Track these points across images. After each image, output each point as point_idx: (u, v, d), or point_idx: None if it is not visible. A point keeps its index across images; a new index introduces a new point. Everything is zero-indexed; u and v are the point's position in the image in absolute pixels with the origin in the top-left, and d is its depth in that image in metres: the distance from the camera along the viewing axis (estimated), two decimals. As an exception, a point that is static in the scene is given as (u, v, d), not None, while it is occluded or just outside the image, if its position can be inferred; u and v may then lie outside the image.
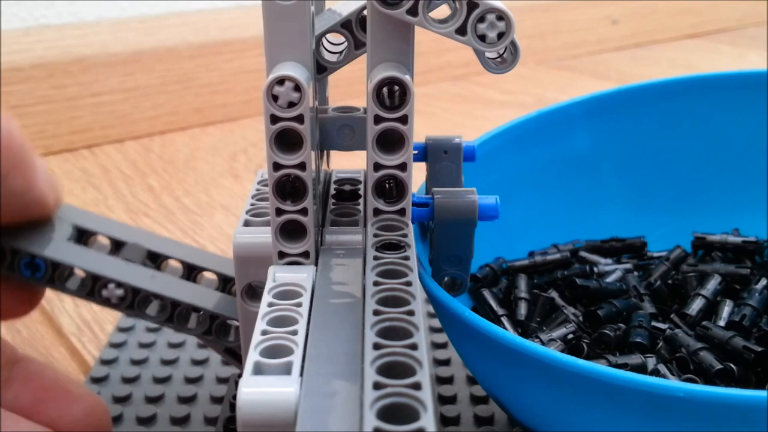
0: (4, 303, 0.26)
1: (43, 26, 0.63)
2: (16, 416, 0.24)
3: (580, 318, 0.29)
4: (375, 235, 0.21)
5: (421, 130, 0.22)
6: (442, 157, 0.27)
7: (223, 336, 0.26)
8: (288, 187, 0.21)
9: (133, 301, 0.25)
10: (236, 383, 0.30)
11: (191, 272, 0.28)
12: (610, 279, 0.32)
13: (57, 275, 0.26)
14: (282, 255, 0.21)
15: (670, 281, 0.31)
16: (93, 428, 0.25)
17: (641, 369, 0.25)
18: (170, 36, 0.66)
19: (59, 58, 0.60)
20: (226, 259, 0.28)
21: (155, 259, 0.28)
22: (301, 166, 0.20)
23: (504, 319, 0.29)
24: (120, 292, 0.25)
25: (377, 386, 0.15)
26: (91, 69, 0.61)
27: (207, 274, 0.28)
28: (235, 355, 0.26)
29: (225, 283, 0.27)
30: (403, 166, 0.21)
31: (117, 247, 0.28)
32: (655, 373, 0.25)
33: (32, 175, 0.25)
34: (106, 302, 0.26)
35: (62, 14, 0.65)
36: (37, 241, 0.26)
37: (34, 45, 0.60)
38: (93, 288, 0.25)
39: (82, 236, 0.28)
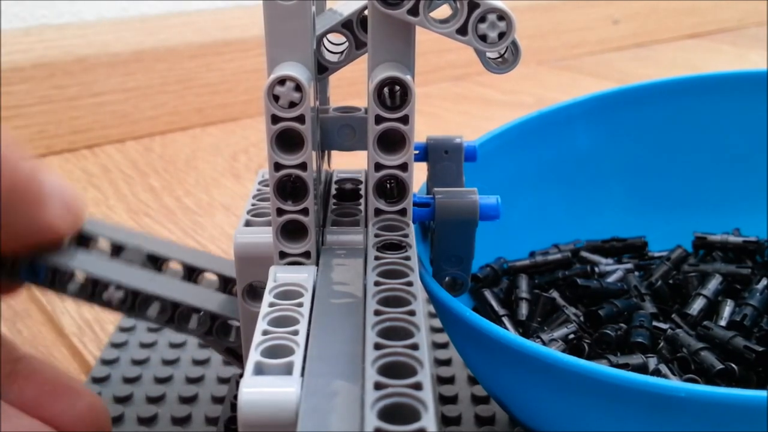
0: None
1: (43, 26, 0.63)
2: (17, 412, 0.24)
3: (581, 318, 0.29)
4: (376, 235, 0.21)
5: (422, 130, 0.22)
6: (443, 157, 0.27)
7: (224, 336, 0.26)
8: (289, 187, 0.21)
9: (133, 303, 0.25)
10: (237, 383, 0.30)
11: (192, 273, 0.28)
12: (611, 279, 0.32)
13: (57, 279, 0.26)
14: (283, 255, 0.21)
15: (671, 281, 0.31)
16: (94, 427, 0.25)
17: (642, 369, 0.25)
18: (171, 36, 0.66)
19: (60, 57, 0.60)
20: (227, 260, 0.28)
21: (156, 262, 0.28)
22: (302, 166, 0.20)
23: (505, 319, 0.29)
24: (120, 294, 0.25)
25: (378, 386, 0.15)
26: (91, 69, 0.61)
27: (208, 275, 0.28)
28: (236, 355, 0.26)
29: (226, 284, 0.27)
30: (404, 166, 0.21)
31: (117, 250, 0.28)
32: (657, 373, 0.25)
33: (37, 209, 0.25)
34: (106, 305, 0.26)
35: (63, 14, 0.65)
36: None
37: (35, 45, 0.60)
38: (93, 291, 0.25)
39: (83, 240, 0.28)
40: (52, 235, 0.26)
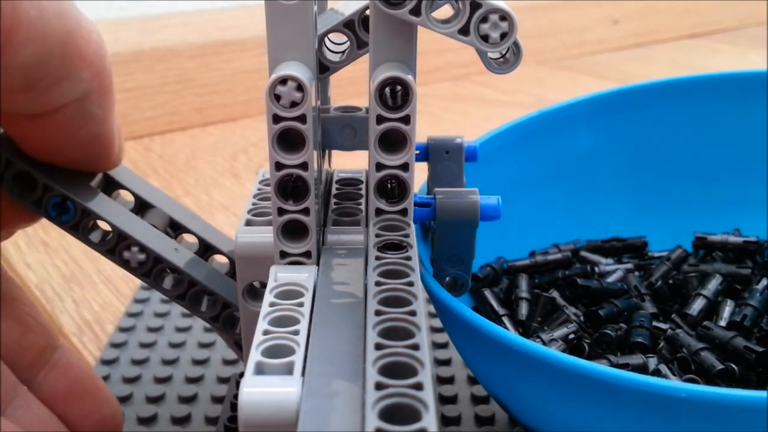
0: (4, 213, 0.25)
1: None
2: (39, 404, 0.23)
3: (581, 318, 0.29)
4: (377, 235, 0.21)
5: (421, 130, 0.21)
6: (443, 157, 0.27)
7: (230, 328, 0.25)
8: (290, 187, 0.21)
9: (152, 268, 0.25)
10: (237, 383, 0.30)
11: (206, 251, 0.27)
12: (611, 279, 0.32)
13: (83, 224, 0.24)
14: (284, 255, 0.21)
15: (671, 281, 0.31)
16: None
17: (642, 369, 0.25)
18: (171, 36, 0.66)
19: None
20: None
21: (176, 229, 0.27)
22: (303, 165, 0.20)
23: (505, 319, 0.29)
24: (142, 257, 0.24)
25: (379, 386, 0.15)
26: (91, 68, 0.61)
27: (218, 258, 0.27)
28: (242, 349, 0.26)
29: (235, 269, 0.27)
30: (405, 166, 0.21)
31: (141, 207, 0.27)
32: (657, 373, 0.25)
33: (110, 108, 0.24)
34: (124, 264, 0.25)
35: (63, 14, 0.65)
36: (69, 182, 0.25)
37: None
38: (116, 246, 0.24)
39: (109, 187, 0.26)
40: (106, 152, 0.24)
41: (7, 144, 0.24)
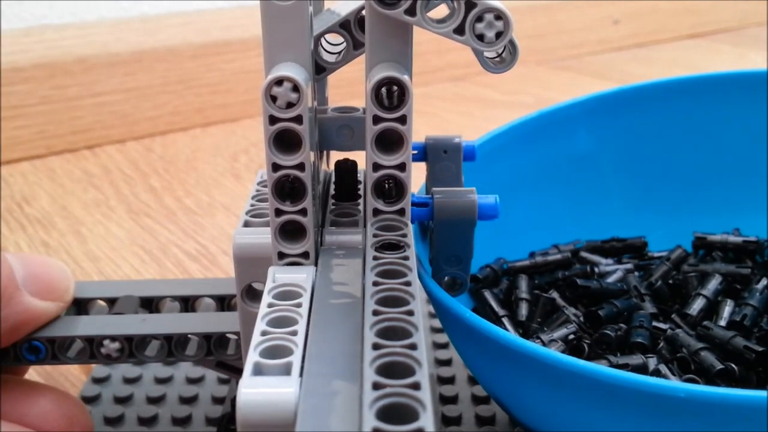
0: None
1: (44, 26, 0.63)
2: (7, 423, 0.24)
3: (581, 318, 0.29)
4: (374, 236, 0.21)
5: (421, 131, 0.22)
6: (442, 156, 0.27)
7: (222, 350, 0.26)
8: (287, 188, 0.21)
9: (130, 349, 0.25)
10: (237, 384, 0.30)
11: (188, 303, 0.28)
12: (610, 279, 0.32)
13: (57, 350, 0.25)
14: (282, 255, 0.21)
15: (670, 281, 0.31)
16: (75, 426, 0.25)
17: (642, 369, 0.25)
18: (171, 36, 0.66)
19: (60, 58, 0.60)
20: (219, 279, 0.29)
21: (150, 304, 0.28)
22: (300, 166, 0.20)
23: (505, 320, 0.29)
24: (116, 345, 0.25)
25: (376, 386, 0.15)
26: (92, 69, 0.61)
27: (206, 300, 0.28)
28: (229, 368, 0.26)
29: (222, 302, 0.27)
30: (402, 166, 0.21)
31: (113, 304, 0.28)
32: (656, 373, 0.25)
33: (17, 302, 0.25)
34: (108, 359, 0.26)
35: (63, 14, 0.65)
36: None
37: (35, 45, 0.60)
38: (92, 350, 0.25)
39: (80, 305, 0.28)
40: (42, 318, 0.26)
41: None
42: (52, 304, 0.26)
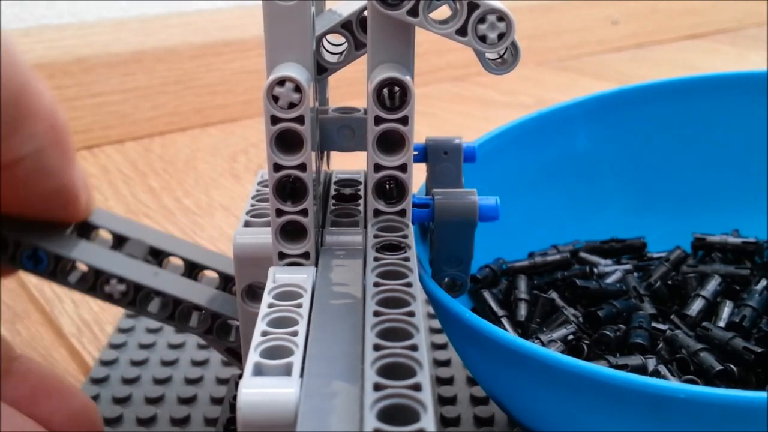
0: None
1: (43, 26, 0.63)
2: (14, 411, 0.24)
3: (580, 319, 0.29)
4: (375, 236, 0.21)
5: (421, 131, 0.22)
6: (442, 157, 0.27)
7: (224, 336, 0.26)
8: (288, 188, 0.21)
9: (135, 297, 0.25)
10: (236, 384, 0.30)
11: (193, 270, 0.27)
12: (610, 280, 0.32)
13: (59, 269, 0.25)
14: (282, 256, 0.21)
15: (670, 282, 0.31)
16: (87, 427, 0.25)
17: (641, 370, 0.25)
18: (171, 36, 0.66)
19: (59, 58, 0.60)
20: (228, 257, 0.28)
21: (157, 256, 0.28)
22: (302, 167, 0.20)
23: (504, 320, 0.29)
24: (122, 287, 0.25)
25: (377, 387, 0.15)
26: (91, 69, 0.61)
27: (208, 273, 0.28)
28: (236, 355, 0.26)
29: (226, 282, 0.27)
30: (403, 167, 0.21)
31: (119, 242, 0.28)
32: (656, 374, 0.25)
33: (69, 160, 0.24)
34: (107, 298, 0.25)
35: (63, 14, 0.65)
36: (40, 233, 0.26)
37: (35, 45, 0.60)
38: (95, 283, 0.25)
39: (84, 229, 0.27)
40: (71, 202, 0.25)
41: None
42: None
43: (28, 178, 0.24)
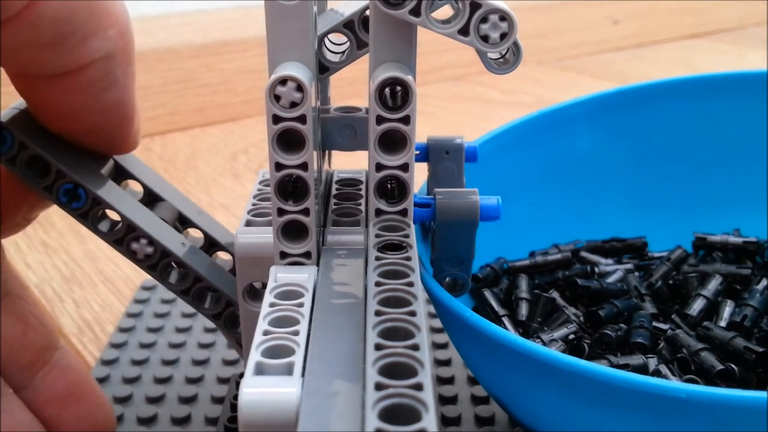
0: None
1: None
2: (22, 406, 0.23)
3: (581, 318, 0.29)
4: (377, 236, 0.21)
5: (421, 130, 0.21)
6: (443, 157, 0.27)
7: (231, 326, 0.25)
8: (290, 187, 0.21)
9: (158, 262, 0.24)
10: (237, 383, 0.30)
11: (211, 247, 0.27)
12: (611, 279, 0.32)
13: (93, 212, 0.24)
14: (284, 255, 0.21)
15: (671, 281, 0.31)
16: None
17: (642, 369, 0.25)
18: (171, 36, 0.66)
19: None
20: None
21: (183, 223, 0.27)
22: (303, 166, 0.20)
23: (505, 320, 0.29)
24: (150, 249, 0.24)
25: (379, 387, 0.15)
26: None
27: (221, 255, 0.27)
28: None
29: None
30: (404, 167, 0.21)
31: (150, 199, 0.26)
32: (657, 373, 0.25)
33: (133, 72, 0.23)
34: (131, 255, 0.24)
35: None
36: (81, 169, 0.24)
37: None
38: (124, 237, 0.24)
39: (118, 176, 0.26)
40: (125, 130, 0.24)
41: (21, 126, 0.24)
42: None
43: (93, 85, 0.23)
